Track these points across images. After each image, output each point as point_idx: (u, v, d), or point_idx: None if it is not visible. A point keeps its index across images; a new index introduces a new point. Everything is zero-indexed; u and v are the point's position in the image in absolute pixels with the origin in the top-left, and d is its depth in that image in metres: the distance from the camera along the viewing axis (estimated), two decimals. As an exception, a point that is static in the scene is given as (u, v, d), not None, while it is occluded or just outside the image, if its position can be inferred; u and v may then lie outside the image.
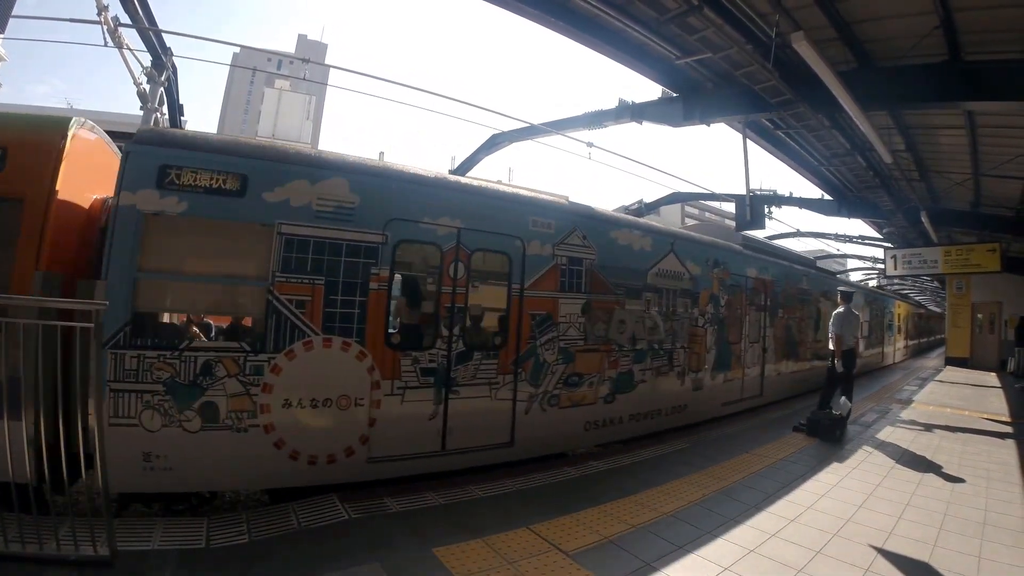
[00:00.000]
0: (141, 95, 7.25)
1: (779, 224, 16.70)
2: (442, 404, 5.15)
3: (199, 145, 4.42)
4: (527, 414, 5.75)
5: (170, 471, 4.03)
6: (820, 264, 16.96)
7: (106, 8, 6.26)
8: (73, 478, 3.76)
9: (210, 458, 4.16)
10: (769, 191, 14.02)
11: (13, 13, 5.80)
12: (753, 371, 9.88)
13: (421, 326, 5.35)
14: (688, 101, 8.84)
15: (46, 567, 2.98)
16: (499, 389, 5.54)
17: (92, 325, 3.06)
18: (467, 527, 3.92)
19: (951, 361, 20.13)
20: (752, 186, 9.69)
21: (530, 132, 10.70)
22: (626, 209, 12.11)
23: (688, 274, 8.06)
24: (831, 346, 8.30)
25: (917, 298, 38.17)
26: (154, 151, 4.20)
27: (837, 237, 19.46)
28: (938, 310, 44.01)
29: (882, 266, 18.44)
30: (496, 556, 3.48)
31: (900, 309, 23.76)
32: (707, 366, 8.47)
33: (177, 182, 4.18)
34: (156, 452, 3.99)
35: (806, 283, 12.49)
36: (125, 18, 6.43)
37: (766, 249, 11.64)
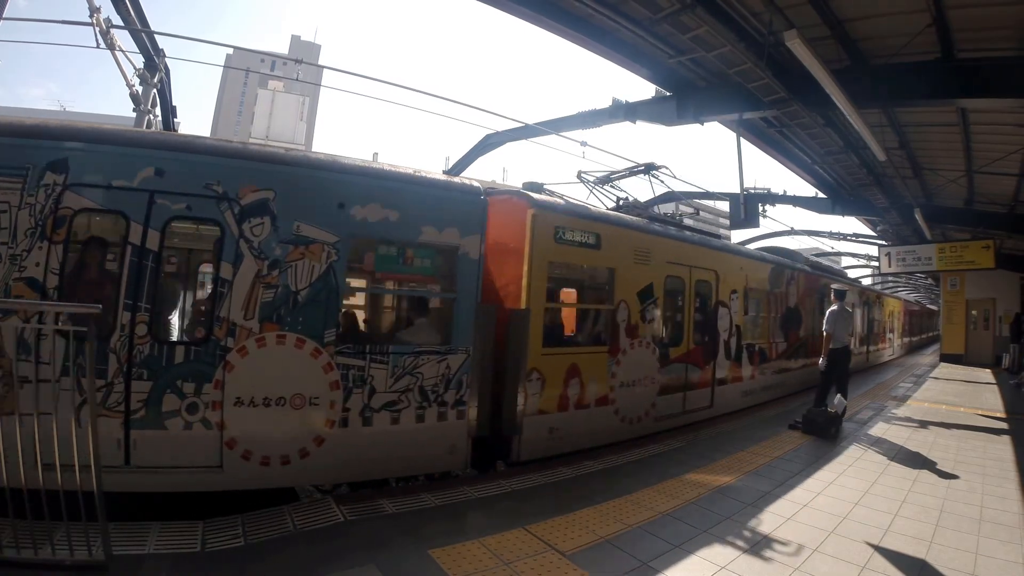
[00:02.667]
0: (134, 97, 7.19)
1: (773, 223, 16.75)
2: None
3: None
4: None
5: None
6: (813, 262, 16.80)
7: (98, 10, 6.21)
8: None
9: None
10: (763, 189, 14.08)
11: (4, 15, 5.75)
12: None
13: None
14: (681, 100, 8.85)
15: (41, 572, 2.96)
16: None
17: (86, 329, 3.06)
18: (463, 528, 3.92)
19: (946, 358, 20.25)
20: (746, 184, 9.72)
21: (524, 132, 10.70)
22: (619, 207, 12.04)
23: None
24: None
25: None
26: None
27: (831, 235, 19.52)
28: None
29: (876, 263, 18.50)
30: (492, 557, 3.48)
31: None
32: None
33: None
34: None
35: None
36: (117, 20, 6.39)
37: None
